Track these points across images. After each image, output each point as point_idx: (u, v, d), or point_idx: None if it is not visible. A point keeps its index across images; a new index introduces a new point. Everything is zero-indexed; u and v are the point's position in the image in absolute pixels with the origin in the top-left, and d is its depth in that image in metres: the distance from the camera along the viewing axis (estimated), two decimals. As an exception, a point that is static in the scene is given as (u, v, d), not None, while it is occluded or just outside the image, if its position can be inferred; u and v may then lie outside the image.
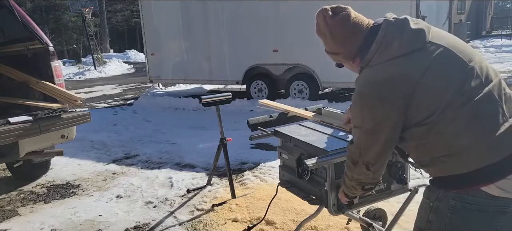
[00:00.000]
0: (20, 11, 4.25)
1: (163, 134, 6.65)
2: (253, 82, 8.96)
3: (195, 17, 9.33)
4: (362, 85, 1.50)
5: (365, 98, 1.48)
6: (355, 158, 1.56)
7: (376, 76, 1.46)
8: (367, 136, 1.50)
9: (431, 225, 1.45)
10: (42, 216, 3.70)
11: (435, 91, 1.37)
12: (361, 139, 1.52)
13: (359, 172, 1.58)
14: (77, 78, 17.47)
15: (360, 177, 1.60)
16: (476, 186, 1.33)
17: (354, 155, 1.57)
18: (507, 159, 1.30)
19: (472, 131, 1.34)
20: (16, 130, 3.29)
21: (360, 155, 1.54)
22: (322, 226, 3.08)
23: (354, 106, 1.54)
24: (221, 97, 3.72)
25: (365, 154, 1.52)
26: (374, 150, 1.50)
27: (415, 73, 1.38)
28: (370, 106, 1.46)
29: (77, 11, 20.45)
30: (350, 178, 1.64)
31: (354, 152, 1.57)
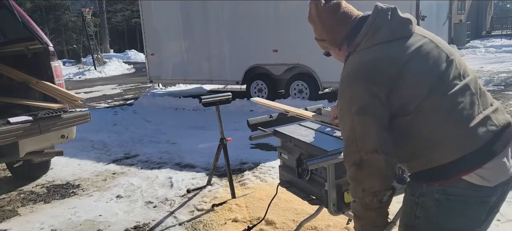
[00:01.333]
0: (20, 11, 4.25)
1: (163, 134, 6.65)
2: (253, 82, 8.96)
3: (195, 17, 9.33)
4: (348, 68, 1.52)
5: (351, 79, 1.47)
6: (355, 157, 1.42)
7: (363, 59, 1.48)
8: (358, 118, 1.41)
9: (419, 221, 1.47)
10: (42, 216, 3.70)
11: (418, 78, 1.42)
12: (354, 127, 1.42)
13: (368, 172, 1.41)
14: (77, 78, 17.48)
15: (372, 181, 1.41)
16: (457, 176, 1.37)
17: (352, 155, 1.44)
18: (483, 148, 1.36)
19: (450, 121, 1.39)
20: (16, 130, 3.29)
21: (359, 147, 1.41)
22: (322, 226, 3.08)
23: (340, 94, 1.51)
24: (221, 97, 3.72)
25: (365, 141, 1.41)
26: (373, 132, 1.40)
27: (401, 57, 1.43)
28: (357, 86, 1.44)
29: (77, 11, 20.46)
30: (361, 195, 1.43)
31: (351, 152, 1.44)
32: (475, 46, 18.50)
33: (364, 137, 1.41)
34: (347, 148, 1.46)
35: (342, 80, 1.51)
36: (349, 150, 1.45)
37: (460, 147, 1.37)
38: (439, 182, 1.40)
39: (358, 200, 1.46)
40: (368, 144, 1.40)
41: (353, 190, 1.47)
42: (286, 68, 8.38)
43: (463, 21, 20.93)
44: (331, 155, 1.98)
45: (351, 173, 1.45)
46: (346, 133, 1.47)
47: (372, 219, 1.46)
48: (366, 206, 1.44)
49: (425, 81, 1.41)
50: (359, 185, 1.43)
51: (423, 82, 1.41)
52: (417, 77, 1.42)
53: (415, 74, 1.41)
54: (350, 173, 1.46)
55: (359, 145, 1.41)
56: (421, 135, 1.42)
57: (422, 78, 1.42)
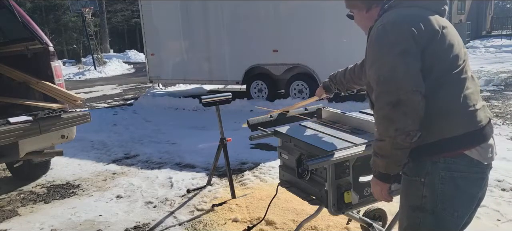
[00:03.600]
0: (20, 11, 4.24)
1: (163, 134, 6.65)
2: (253, 82, 8.96)
3: (195, 17, 9.33)
4: (387, 18, 1.54)
5: (395, 24, 1.49)
6: (392, 96, 1.42)
7: (403, 11, 1.55)
8: (401, 59, 1.44)
9: (426, 200, 1.53)
10: (42, 216, 3.70)
11: (448, 50, 1.51)
12: (395, 67, 1.43)
13: (404, 111, 1.41)
14: (77, 78, 17.48)
15: (407, 121, 1.41)
16: (461, 150, 1.49)
17: (388, 95, 1.43)
18: (482, 130, 1.52)
19: (464, 98, 1.50)
20: (16, 130, 3.29)
21: (399, 87, 1.41)
22: (322, 226, 3.08)
23: (376, 40, 1.51)
24: (221, 97, 3.72)
25: (406, 81, 1.42)
26: (414, 73, 1.44)
27: (438, 24, 1.51)
28: (401, 29, 1.47)
29: (77, 11, 20.46)
30: (394, 135, 1.43)
31: (387, 91, 1.44)
32: (475, 46, 18.50)
33: (405, 77, 1.42)
34: (383, 88, 1.45)
35: (379, 29, 1.51)
36: (385, 89, 1.45)
37: (467, 123, 1.49)
38: (443, 155, 1.49)
39: (388, 139, 1.45)
40: (408, 84, 1.41)
41: (384, 129, 1.46)
42: (286, 68, 8.38)
43: (463, 21, 20.93)
44: (331, 155, 1.98)
45: (385, 112, 1.44)
46: (383, 74, 1.46)
47: (399, 158, 1.49)
48: (397, 145, 1.44)
49: (452, 56, 1.51)
50: (393, 124, 1.43)
51: (450, 55, 1.51)
52: (447, 49, 1.51)
53: (446, 45, 1.50)
54: (383, 112, 1.45)
55: (398, 85, 1.42)
56: (435, 104, 1.48)
57: (450, 51, 1.51)
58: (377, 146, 1.51)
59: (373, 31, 1.55)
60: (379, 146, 1.50)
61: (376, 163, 1.54)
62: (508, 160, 4.31)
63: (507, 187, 3.63)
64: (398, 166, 1.52)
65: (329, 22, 7.61)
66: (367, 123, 2.31)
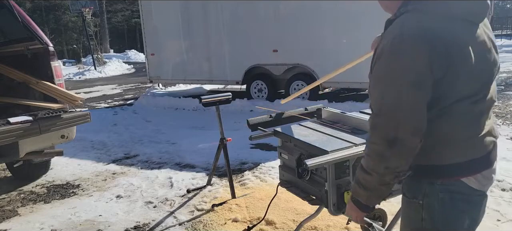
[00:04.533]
0: (20, 11, 4.24)
1: (163, 134, 6.65)
2: (253, 82, 8.96)
3: (195, 17, 9.33)
4: (408, 25, 1.25)
5: (412, 43, 1.22)
6: (390, 133, 1.25)
7: (431, 23, 1.24)
8: (410, 91, 1.22)
9: (425, 223, 1.43)
10: (42, 216, 3.70)
11: (470, 78, 1.28)
12: (401, 100, 1.23)
13: (399, 152, 1.26)
14: (77, 78, 17.48)
15: (400, 161, 1.28)
16: (458, 177, 1.37)
17: (386, 130, 1.25)
18: (485, 157, 1.39)
19: (471, 126, 1.36)
20: (16, 130, 3.29)
21: (400, 124, 1.23)
22: (322, 226, 3.08)
23: (389, 56, 1.26)
24: (221, 97, 3.72)
25: (409, 120, 1.24)
26: (420, 112, 1.24)
27: (465, 45, 1.26)
28: (418, 54, 1.22)
29: (77, 11, 20.47)
30: (382, 172, 1.30)
31: (386, 126, 1.26)
32: (475, 46, 18.47)
33: (410, 115, 1.24)
34: (382, 120, 1.27)
35: (395, 41, 1.25)
36: (384, 122, 1.27)
37: (470, 151, 1.36)
38: (441, 180, 1.38)
39: (376, 175, 1.32)
40: (411, 123, 1.24)
41: (373, 164, 1.31)
42: (286, 68, 8.38)
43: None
44: (331, 155, 1.98)
45: (378, 148, 1.28)
46: (386, 103, 1.26)
47: (383, 193, 1.39)
48: (384, 181, 1.33)
49: (472, 84, 1.30)
50: (384, 162, 1.29)
51: (470, 84, 1.29)
52: (470, 77, 1.28)
53: (470, 71, 1.27)
54: (376, 147, 1.29)
55: (400, 122, 1.24)
56: (440, 131, 1.34)
57: (472, 80, 1.29)
58: (363, 177, 1.37)
59: (388, 38, 1.28)
60: (364, 177, 1.37)
61: (358, 192, 1.42)
62: (508, 160, 4.32)
63: (507, 187, 3.63)
64: (380, 199, 1.45)
65: (329, 22, 7.62)
66: (367, 123, 2.31)
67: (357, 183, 1.41)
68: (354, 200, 1.46)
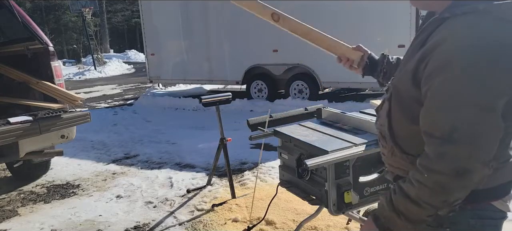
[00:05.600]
0: (20, 11, 4.24)
1: (163, 134, 6.65)
2: (253, 82, 8.96)
3: (195, 17, 9.33)
4: (482, 35, 1.02)
5: (488, 60, 1.01)
6: (460, 163, 1.03)
7: (503, 35, 1.02)
8: (488, 116, 1.01)
9: None
10: (42, 216, 3.70)
11: None
12: (477, 126, 1.02)
13: (465, 185, 1.07)
14: (77, 78, 17.48)
15: (462, 193, 1.09)
16: (489, 201, 1.25)
17: (457, 160, 1.04)
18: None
19: (509, 147, 1.22)
20: (16, 130, 3.29)
21: (474, 153, 1.03)
22: (322, 226, 3.08)
23: (463, 72, 1.02)
24: (221, 97, 3.72)
25: (486, 148, 1.04)
26: (496, 139, 1.05)
27: None
28: (496, 74, 1.01)
29: (77, 11, 20.49)
30: (439, 206, 1.11)
31: (456, 155, 1.03)
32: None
33: (486, 145, 1.04)
34: (453, 149, 1.04)
35: (466, 53, 1.02)
36: (454, 151, 1.04)
37: (505, 174, 1.23)
38: (471, 205, 1.22)
39: (428, 207, 1.11)
40: (485, 154, 1.04)
41: (429, 196, 1.10)
42: (286, 68, 8.38)
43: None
44: (331, 155, 1.99)
45: (443, 180, 1.07)
46: (460, 130, 1.03)
47: (421, 226, 1.19)
48: (432, 215, 1.14)
49: None
50: (445, 195, 1.08)
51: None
52: None
53: None
54: (440, 178, 1.07)
55: (473, 153, 1.03)
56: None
57: None
58: (407, 207, 1.15)
59: (452, 46, 1.04)
60: (410, 208, 1.14)
61: (393, 220, 1.20)
62: (508, 160, 4.31)
63: (507, 187, 3.62)
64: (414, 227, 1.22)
65: (329, 22, 7.61)
66: (367, 123, 2.31)
67: (396, 211, 1.18)
68: (380, 224, 1.25)
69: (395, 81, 1.26)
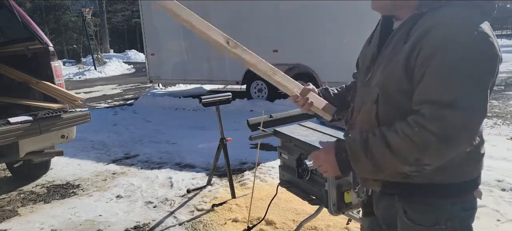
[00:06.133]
0: (20, 11, 4.24)
1: (163, 134, 6.65)
2: (253, 82, 8.96)
3: (195, 17, 9.33)
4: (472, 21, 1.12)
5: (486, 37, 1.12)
6: (455, 131, 1.07)
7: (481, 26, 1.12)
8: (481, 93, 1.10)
9: None
10: (42, 216, 3.70)
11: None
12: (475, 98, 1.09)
13: (446, 153, 1.12)
14: (77, 78, 17.49)
15: (438, 159, 1.14)
16: (472, 191, 1.30)
17: (454, 128, 1.07)
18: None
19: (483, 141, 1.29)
20: (16, 130, 3.29)
21: (468, 125, 1.08)
22: (322, 226, 3.08)
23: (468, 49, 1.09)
24: (221, 97, 3.72)
25: (477, 121, 1.11)
26: (484, 116, 1.12)
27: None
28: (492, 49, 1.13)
29: (77, 11, 20.49)
30: (409, 161, 1.13)
31: (456, 123, 1.07)
32: (475, 46, 18.46)
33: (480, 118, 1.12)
34: (453, 115, 1.07)
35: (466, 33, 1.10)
36: (454, 119, 1.07)
37: (481, 166, 1.30)
38: (461, 199, 1.27)
39: (400, 158, 1.14)
40: (477, 128, 1.12)
41: (407, 149, 1.12)
42: (286, 68, 8.37)
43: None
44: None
45: (429, 139, 1.08)
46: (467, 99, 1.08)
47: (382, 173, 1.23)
48: (400, 168, 1.16)
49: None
50: (423, 154, 1.11)
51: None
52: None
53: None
54: (428, 137, 1.08)
55: (469, 122, 1.08)
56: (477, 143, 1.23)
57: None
58: (380, 150, 1.16)
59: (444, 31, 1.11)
60: (383, 152, 1.16)
61: (358, 156, 1.21)
62: (508, 160, 4.31)
63: (507, 187, 3.63)
64: (369, 175, 1.30)
65: (329, 22, 7.62)
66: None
67: (367, 150, 1.19)
68: (340, 157, 1.25)
69: (382, 81, 1.25)
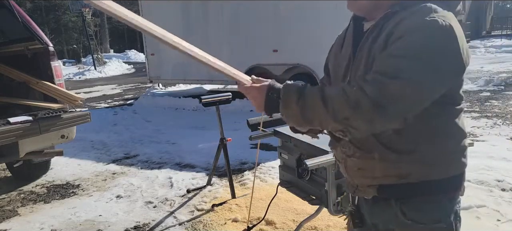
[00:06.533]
0: (20, 11, 4.24)
1: (163, 134, 6.65)
2: (253, 83, 8.96)
3: (195, 17, 9.33)
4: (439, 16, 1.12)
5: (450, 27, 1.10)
6: (389, 101, 1.06)
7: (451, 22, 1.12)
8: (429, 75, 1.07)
9: None
10: (42, 216, 3.70)
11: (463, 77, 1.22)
12: (426, 83, 1.08)
13: (376, 120, 1.08)
14: (77, 78, 17.49)
15: (365, 126, 1.10)
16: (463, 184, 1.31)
17: (390, 97, 1.06)
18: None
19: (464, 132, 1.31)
20: (16, 130, 3.29)
21: (402, 96, 1.06)
22: (322, 226, 3.08)
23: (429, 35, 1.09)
24: (221, 97, 3.72)
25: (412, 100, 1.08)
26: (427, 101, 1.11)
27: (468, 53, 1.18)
28: (457, 38, 1.10)
29: (77, 11, 20.51)
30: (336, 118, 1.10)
31: (392, 94, 1.06)
32: (475, 46, 18.50)
33: (417, 98, 1.09)
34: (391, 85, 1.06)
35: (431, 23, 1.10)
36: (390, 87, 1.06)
37: (465, 163, 1.29)
38: (457, 192, 1.28)
39: (328, 111, 1.11)
40: (410, 106, 1.09)
41: (339, 104, 1.10)
42: (286, 68, 8.38)
43: (463, 21, 20.90)
44: (331, 155, 1.98)
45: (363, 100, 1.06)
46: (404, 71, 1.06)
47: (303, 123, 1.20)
48: (323, 122, 1.14)
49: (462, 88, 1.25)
50: (353, 114, 1.08)
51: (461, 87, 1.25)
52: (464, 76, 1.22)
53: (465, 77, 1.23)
54: (362, 97, 1.07)
55: (404, 96, 1.07)
56: (462, 133, 1.25)
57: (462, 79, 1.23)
58: (313, 100, 1.14)
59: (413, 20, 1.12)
60: (314, 101, 1.14)
61: (290, 98, 1.19)
62: (508, 160, 4.31)
63: (507, 187, 3.63)
64: (288, 122, 1.27)
65: (329, 22, 7.61)
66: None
67: (300, 96, 1.17)
68: (271, 97, 1.25)
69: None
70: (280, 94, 1.23)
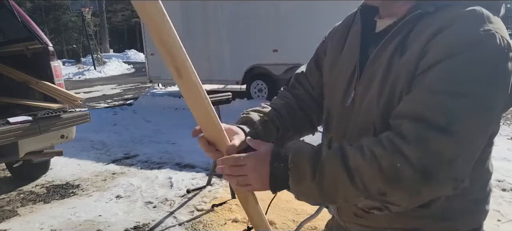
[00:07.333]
0: (20, 11, 4.24)
1: (163, 134, 6.65)
2: (253, 82, 8.97)
3: (195, 17, 9.34)
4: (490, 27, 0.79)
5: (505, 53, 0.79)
6: (439, 164, 0.76)
7: (507, 37, 0.80)
8: (481, 113, 0.78)
9: None
10: (42, 216, 3.70)
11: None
12: (485, 127, 0.80)
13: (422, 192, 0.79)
14: (77, 78, 17.50)
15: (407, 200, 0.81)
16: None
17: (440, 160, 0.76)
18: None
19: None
20: (15, 130, 3.29)
21: (456, 159, 0.76)
22: (322, 226, 3.08)
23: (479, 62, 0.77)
24: (221, 97, 3.71)
25: (471, 157, 0.79)
26: (479, 145, 0.81)
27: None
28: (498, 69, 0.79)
29: (77, 11, 20.51)
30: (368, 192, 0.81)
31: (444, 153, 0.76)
32: (475, 46, 18.49)
33: (473, 152, 0.80)
34: (442, 142, 0.76)
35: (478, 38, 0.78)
36: (443, 147, 0.76)
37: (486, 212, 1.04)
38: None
39: (357, 185, 0.80)
40: (468, 166, 0.80)
41: (371, 176, 0.79)
42: (286, 68, 8.38)
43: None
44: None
45: (404, 169, 0.77)
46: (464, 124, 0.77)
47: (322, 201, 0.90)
48: (349, 199, 0.84)
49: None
50: (391, 185, 0.79)
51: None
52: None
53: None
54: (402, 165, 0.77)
55: (457, 156, 0.77)
56: (488, 176, 0.99)
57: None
58: (333, 171, 0.83)
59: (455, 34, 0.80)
60: (335, 175, 0.83)
61: (301, 169, 0.85)
62: (508, 160, 4.31)
63: (508, 187, 3.62)
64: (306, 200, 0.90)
65: (329, 22, 7.60)
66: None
67: (315, 164, 0.84)
68: (277, 168, 0.87)
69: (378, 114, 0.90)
70: (288, 163, 0.87)
